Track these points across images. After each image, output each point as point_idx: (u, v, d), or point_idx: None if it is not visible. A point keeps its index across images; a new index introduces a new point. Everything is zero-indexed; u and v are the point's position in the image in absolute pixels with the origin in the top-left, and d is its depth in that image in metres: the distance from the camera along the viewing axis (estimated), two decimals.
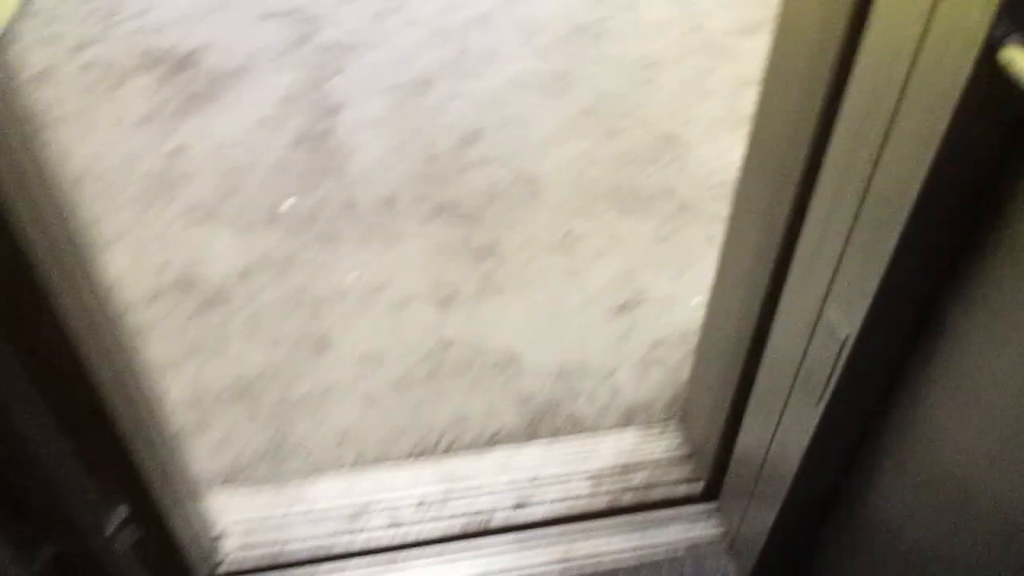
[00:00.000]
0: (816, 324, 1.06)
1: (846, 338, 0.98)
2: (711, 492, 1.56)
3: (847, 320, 0.98)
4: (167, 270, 2.05)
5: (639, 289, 1.97)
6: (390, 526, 1.53)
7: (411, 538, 1.51)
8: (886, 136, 0.86)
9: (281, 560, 1.48)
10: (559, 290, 1.98)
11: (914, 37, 0.79)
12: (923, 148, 0.80)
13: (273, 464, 1.68)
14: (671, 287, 1.96)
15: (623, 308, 1.94)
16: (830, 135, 0.97)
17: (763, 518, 1.35)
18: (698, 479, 1.58)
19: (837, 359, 1.01)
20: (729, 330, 1.38)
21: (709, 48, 2.71)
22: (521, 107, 2.53)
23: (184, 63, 2.74)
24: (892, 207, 0.86)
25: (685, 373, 1.69)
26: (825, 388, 1.05)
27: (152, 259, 2.08)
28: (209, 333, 1.91)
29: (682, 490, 1.58)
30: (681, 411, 1.70)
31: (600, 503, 1.56)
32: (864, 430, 1.14)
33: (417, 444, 1.69)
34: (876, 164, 0.88)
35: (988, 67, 0.72)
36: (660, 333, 1.87)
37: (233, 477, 1.65)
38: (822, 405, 1.07)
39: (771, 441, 1.29)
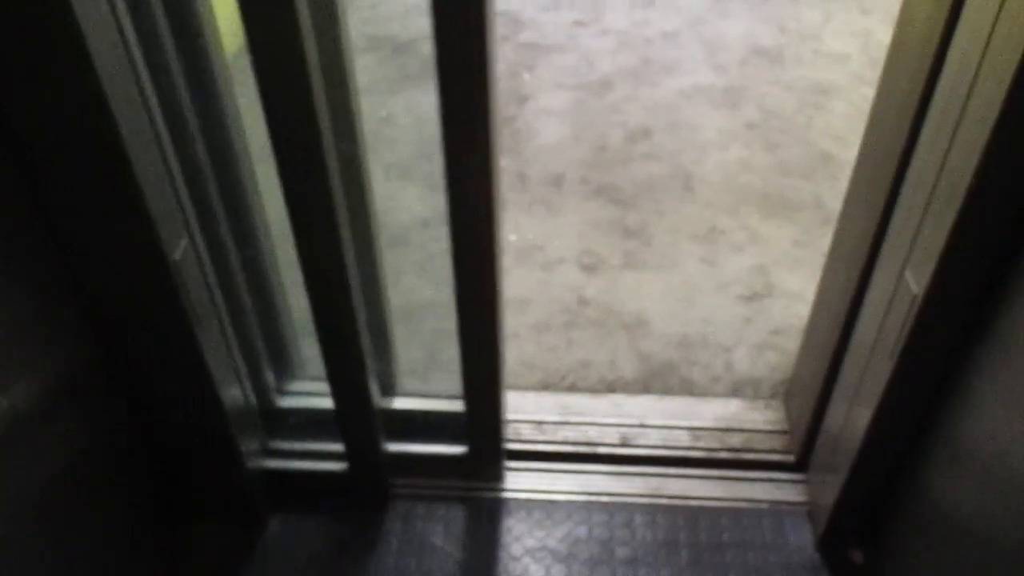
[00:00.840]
0: (896, 289, 1.21)
1: (916, 295, 1.13)
2: (800, 465, 1.69)
3: (919, 279, 1.13)
4: None
5: (770, 284, 2.12)
6: (511, 439, 1.78)
7: (526, 450, 1.75)
8: (957, 124, 1.02)
9: None
10: (695, 274, 2.17)
11: (982, 30, 0.95)
12: (983, 125, 0.96)
13: (420, 379, 1.97)
14: (800, 286, 2.10)
15: (751, 298, 2.09)
16: (920, 129, 1.14)
17: (835, 487, 1.49)
18: (790, 451, 1.72)
19: (908, 314, 1.16)
20: (829, 315, 1.53)
21: None
22: (691, 114, 2.73)
23: (403, 48, 3.16)
24: (958, 178, 1.02)
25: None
26: (896, 342, 1.20)
27: None
28: (388, 266, 2.24)
29: (773, 458, 1.72)
30: (785, 392, 1.84)
31: (697, 454, 1.74)
32: (927, 404, 1.27)
33: (544, 379, 1.93)
34: (951, 142, 1.04)
35: None
36: (781, 323, 2.01)
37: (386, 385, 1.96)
38: (894, 360, 1.22)
39: (848, 410, 1.43)
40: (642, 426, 1.79)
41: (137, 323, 1.25)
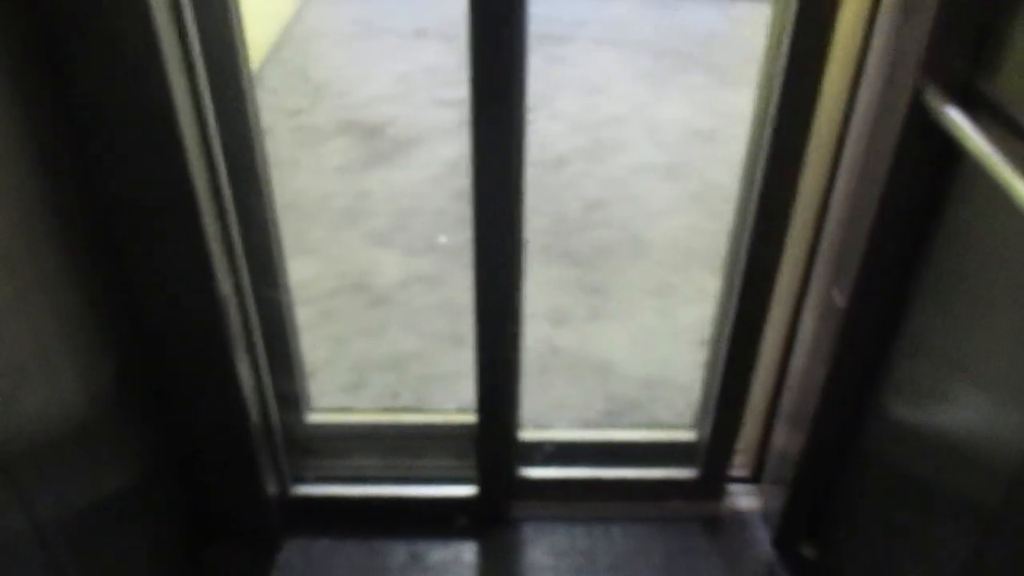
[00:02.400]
0: (825, 307, 1.48)
1: (841, 308, 1.39)
2: (755, 478, 1.92)
3: (842, 294, 1.39)
4: (347, 275, 2.64)
5: None
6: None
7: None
8: (865, 162, 1.30)
9: None
10: (653, 324, 2.43)
11: (878, 93, 1.25)
12: (881, 165, 1.24)
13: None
14: None
15: (704, 343, 2.35)
16: (839, 166, 1.42)
17: (784, 492, 1.71)
18: (745, 467, 1.95)
19: (836, 325, 1.42)
20: (770, 351, 1.78)
21: None
22: (639, 187, 3.05)
23: (373, 131, 3.44)
24: (866, 209, 1.29)
25: None
26: (828, 350, 1.45)
27: (337, 267, 2.67)
28: (374, 322, 2.45)
29: (732, 474, 1.94)
30: None
31: None
32: (854, 414, 1.51)
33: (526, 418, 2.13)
34: (858, 182, 1.32)
35: (917, 107, 1.16)
36: None
37: None
38: (826, 369, 1.47)
39: (790, 426, 1.68)
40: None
41: (183, 349, 1.43)
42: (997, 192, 0.96)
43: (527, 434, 1.83)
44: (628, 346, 2.35)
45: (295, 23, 4.43)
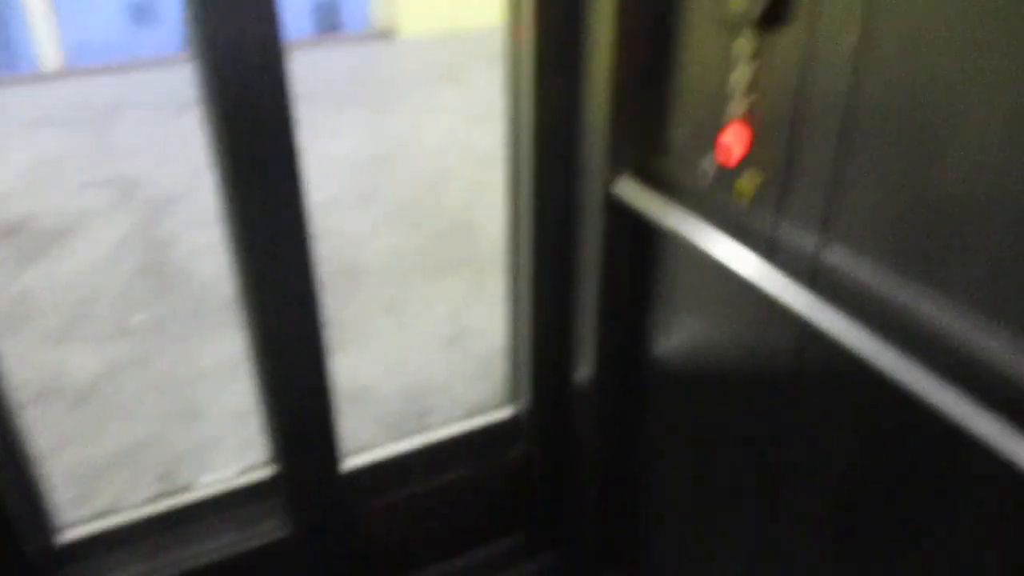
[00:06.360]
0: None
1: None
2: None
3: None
4: (29, 386, 2.22)
5: (462, 326, 2.40)
6: None
7: None
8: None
9: None
10: (394, 338, 2.37)
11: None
12: (595, 239, 1.32)
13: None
14: (485, 322, 2.41)
15: (451, 341, 2.34)
16: None
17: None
18: None
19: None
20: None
21: (484, 162, 3.33)
22: (334, 220, 2.98)
23: (13, 229, 2.96)
24: (592, 265, 1.37)
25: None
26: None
27: (13, 379, 2.23)
28: (85, 422, 2.09)
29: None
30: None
31: None
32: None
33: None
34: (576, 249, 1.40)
35: (609, 194, 1.26)
36: (484, 354, 2.28)
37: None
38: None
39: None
40: None
41: None
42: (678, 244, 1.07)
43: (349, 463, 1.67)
44: (376, 366, 2.26)
45: None
